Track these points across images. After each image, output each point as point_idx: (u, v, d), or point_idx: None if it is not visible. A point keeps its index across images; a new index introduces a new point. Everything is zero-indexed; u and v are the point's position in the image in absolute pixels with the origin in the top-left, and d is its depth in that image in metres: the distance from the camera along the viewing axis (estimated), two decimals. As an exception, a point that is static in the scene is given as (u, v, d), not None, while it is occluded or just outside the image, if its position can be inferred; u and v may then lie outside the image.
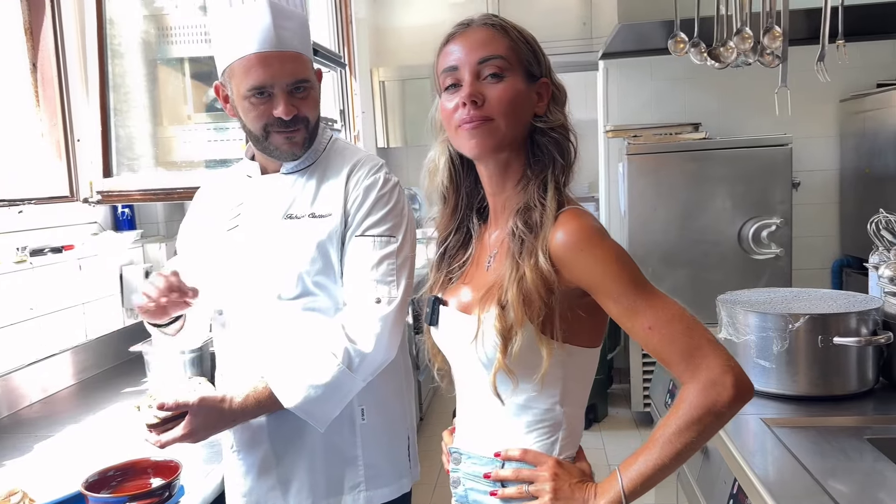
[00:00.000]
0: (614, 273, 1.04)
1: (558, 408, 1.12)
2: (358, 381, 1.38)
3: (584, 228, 1.06)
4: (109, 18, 2.39)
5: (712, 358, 1.01)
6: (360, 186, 1.45)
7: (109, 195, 2.41)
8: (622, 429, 4.13)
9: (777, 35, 2.66)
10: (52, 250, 2.15)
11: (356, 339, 1.37)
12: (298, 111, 1.40)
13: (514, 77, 1.09)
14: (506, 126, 1.09)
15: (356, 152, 1.53)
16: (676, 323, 1.03)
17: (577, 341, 1.11)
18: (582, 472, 1.12)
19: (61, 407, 2.02)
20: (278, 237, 1.44)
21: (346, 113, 4.39)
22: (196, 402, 1.30)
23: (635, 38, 3.93)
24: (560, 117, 1.13)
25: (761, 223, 3.79)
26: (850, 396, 1.64)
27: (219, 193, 1.58)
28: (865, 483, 1.27)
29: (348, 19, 4.48)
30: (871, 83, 4.05)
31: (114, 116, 2.41)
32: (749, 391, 1.02)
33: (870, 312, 1.63)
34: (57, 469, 1.54)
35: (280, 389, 1.35)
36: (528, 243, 1.07)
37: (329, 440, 1.44)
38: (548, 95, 1.13)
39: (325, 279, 1.43)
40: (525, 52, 1.11)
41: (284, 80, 1.37)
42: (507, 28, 1.11)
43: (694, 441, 1.02)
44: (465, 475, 1.19)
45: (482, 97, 1.08)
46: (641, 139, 4.02)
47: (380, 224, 1.44)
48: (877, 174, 3.83)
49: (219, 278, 1.49)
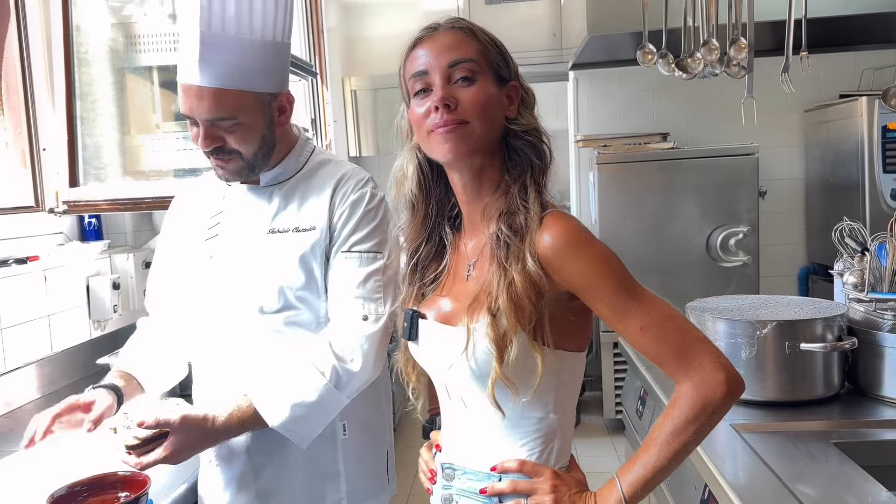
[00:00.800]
0: (604, 275, 1.04)
1: (552, 416, 1.11)
2: (343, 399, 1.37)
3: (572, 230, 1.05)
4: (76, 25, 2.36)
5: (704, 356, 1.02)
6: (346, 201, 1.42)
7: (76, 205, 2.37)
8: (595, 436, 4.15)
9: (743, 47, 2.71)
10: (17, 261, 2.11)
11: (344, 358, 1.35)
12: (225, 143, 1.36)
13: (484, 80, 1.08)
14: (480, 129, 1.07)
15: (341, 165, 1.51)
16: (668, 323, 1.03)
17: (567, 346, 1.10)
18: (579, 482, 1.12)
19: (26, 421, 1.96)
20: (262, 251, 1.42)
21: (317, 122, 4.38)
22: (178, 420, 1.26)
23: (605, 49, 3.98)
24: (532, 120, 1.13)
25: (729, 231, 3.84)
26: (816, 401, 1.67)
27: (196, 201, 1.55)
28: (832, 486, 1.29)
29: (320, 29, 4.47)
30: (833, 94, 4.14)
31: (80, 125, 2.37)
32: (741, 386, 1.03)
33: (835, 318, 1.66)
34: (22, 484, 1.50)
35: (265, 408, 1.32)
36: (514, 247, 1.06)
37: (311, 455, 1.42)
38: (518, 99, 1.13)
39: (307, 293, 1.41)
40: (494, 55, 1.11)
41: (200, 115, 1.34)
42: (476, 31, 1.11)
43: (691, 440, 1.03)
44: (458, 491, 1.15)
45: (455, 100, 1.06)
46: (611, 149, 4.06)
47: (366, 240, 1.42)
48: (840, 183, 3.91)
49: (198, 288, 1.47)
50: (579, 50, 3.98)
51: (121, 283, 2.51)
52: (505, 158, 1.12)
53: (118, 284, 2.49)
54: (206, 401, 1.42)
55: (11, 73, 2.27)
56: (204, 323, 1.46)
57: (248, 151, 1.39)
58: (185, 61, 1.32)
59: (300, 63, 3.47)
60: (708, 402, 1.01)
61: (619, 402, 4.13)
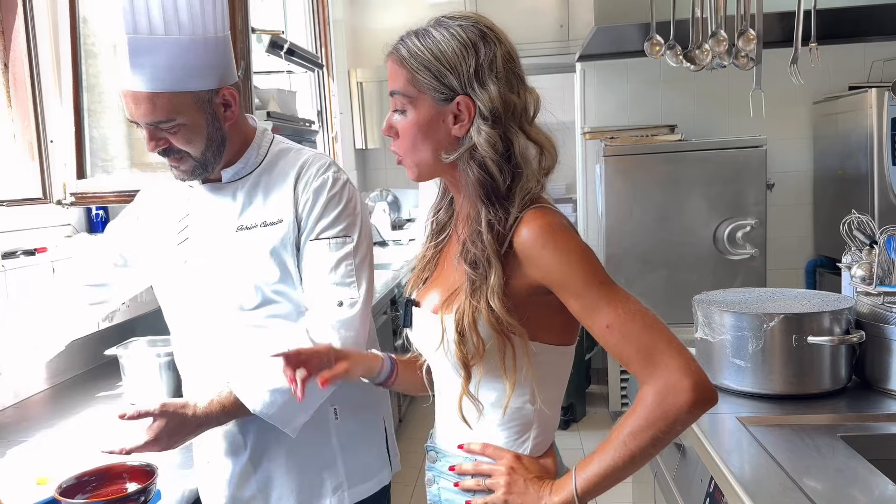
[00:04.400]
0: (575, 269, 1.02)
1: (528, 406, 1.12)
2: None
3: (547, 224, 1.04)
4: (83, 18, 2.36)
5: (670, 359, 0.99)
6: (309, 189, 1.41)
7: (83, 197, 2.37)
8: (600, 428, 4.15)
9: (751, 38, 2.69)
10: (25, 253, 2.12)
11: (321, 343, 1.34)
12: (170, 145, 1.36)
13: (416, 108, 1.08)
14: (413, 163, 1.12)
15: (301, 153, 1.48)
16: (636, 321, 1.01)
17: (545, 339, 1.10)
18: (543, 469, 1.12)
19: (35, 412, 1.99)
20: (232, 249, 1.41)
21: (323, 114, 4.38)
22: (157, 408, 1.27)
23: (612, 41, 3.96)
24: (481, 137, 1.05)
25: (736, 224, 3.83)
26: (823, 395, 1.66)
27: (162, 203, 1.54)
28: (839, 480, 1.29)
29: (326, 20, 4.47)
30: (843, 86, 4.11)
31: (87, 117, 2.37)
32: (709, 397, 0.99)
33: (843, 312, 1.65)
34: (31, 475, 1.51)
35: (244, 394, 1.33)
36: (478, 283, 1.06)
37: (306, 443, 1.43)
38: (471, 113, 1.06)
39: (284, 286, 1.41)
40: (425, 79, 1.07)
41: (141, 119, 1.33)
42: (405, 59, 1.08)
43: (648, 445, 1.00)
44: (438, 473, 1.20)
45: (394, 131, 1.12)
46: (618, 141, 4.05)
47: (333, 225, 1.41)
48: (849, 175, 3.89)
49: (176, 293, 1.47)
50: (586, 41, 3.96)
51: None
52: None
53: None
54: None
55: (19, 65, 2.27)
56: (187, 326, 1.47)
57: (196, 150, 1.37)
58: (121, 67, 1.32)
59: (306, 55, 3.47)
60: (668, 409, 0.98)
61: (624, 394, 4.14)
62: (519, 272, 1.06)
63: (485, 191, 1.06)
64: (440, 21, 1.09)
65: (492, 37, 1.08)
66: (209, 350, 1.44)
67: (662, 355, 0.99)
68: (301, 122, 3.44)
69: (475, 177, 1.06)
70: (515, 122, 1.08)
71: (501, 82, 1.06)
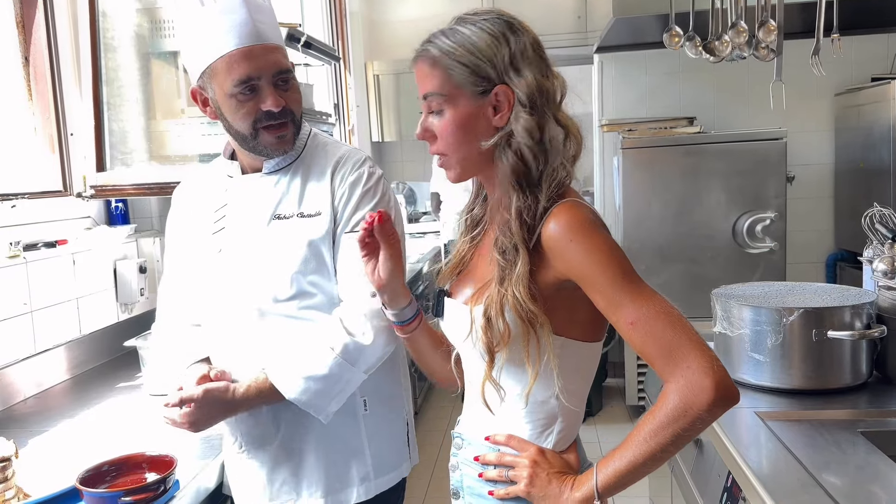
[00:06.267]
0: (602, 264, 1.03)
1: (553, 401, 1.13)
2: (359, 374, 1.39)
3: (576, 218, 1.06)
4: (102, 12, 2.38)
5: (693, 358, 0.99)
6: (345, 183, 1.45)
7: (103, 189, 2.40)
8: (617, 422, 4.14)
9: (772, 29, 2.66)
10: (46, 245, 2.14)
11: (355, 333, 1.37)
12: (286, 103, 1.40)
13: (454, 106, 1.10)
14: (457, 158, 1.13)
15: (338, 147, 1.53)
16: (660, 319, 1.01)
17: (570, 334, 1.11)
18: (565, 464, 1.14)
19: (55, 402, 2.01)
20: (268, 239, 1.43)
21: (340, 107, 4.39)
22: (200, 394, 1.32)
23: (630, 32, 3.93)
24: (520, 124, 1.08)
25: (756, 217, 3.79)
26: (843, 390, 1.65)
27: (199, 195, 1.56)
28: (858, 476, 1.28)
29: (342, 12, 4.47)
30: (865, 77, 4.06)
31: (107, 110, 2.39)
32: (732, 396, 0.99)
33: (864, 306, 1.64)
34: (51, 464, 1.53)
35: (279, 381, 1.36)
36: (507, 270, 1.08)
37: (335, 433, 1.45)
38: (510, 101, 1.09)
39: (319, 278, 1.43)
40: (462, 75, 1.08)
41: (269, 70, 1.37)
42: (439, 58, 1.09)
43: (669, 443, 1.01)
44: (463, 461, 1.21)
45: (430, 134, 1.13)
46: (636, 133, 4.02)
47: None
48: (871, 168, 3.84)
49: (210, 283, 1.49)
50: (604, 33, 3.93)
51: (147, 266, 2.54)
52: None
53: (145, 268, 2.52)
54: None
55: (39, 59, 2.29)
56: (221, 316, 1.48)
57: (298, 112, 1.45)
58: (233, 27, 1.35)
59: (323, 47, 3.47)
60: (689, 408, 0.98)
61: (641, 388, 4.11)
62: (546, 265, 1.07)
63: (517, 178, 1.08)
64: (464, 18, 1.11)
65: (518, 26, 1.11)
66: (243, 341, 1.45)
67: (685, 354, 0.99)
68: (318, 115, 3.45)
69: (510, 164, 1.09)
70: (548, 108, 1.10)
71: (535, 68, 1.09)
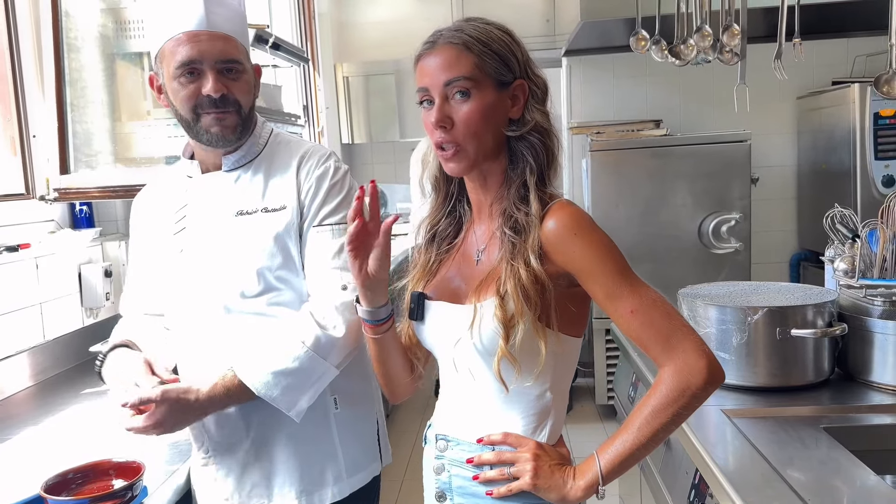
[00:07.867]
0: (603, 258, 1.10)
1: (548, 395, 1.17)
2: (331, 368, 1.37)
3: (577, 215, 1.13)
4: (65, 11, 2.34)
5: (688, 343, 1.08)
6: (311, 177, 1.44)
7: (67, 192, 2.35)
8: (587, 422, 4.17)
9: (736, 33, 2.70)
10: (8, 249, 2.10)
11: (326, 325, 1.36)
12: (228, 91, 1.37)
13: (481, 93, 1.13)
14: (474, 149, 1.14)
15: (301, 144, 1.52)
16: (657, 308, 1.09)
17: (567, 331, 1.16)
18: (561, 456, 1.17)
19: (19, 409, 1.97)
20: (231, 235, 1.42)
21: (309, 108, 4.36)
22: (158, 395, 1.28)
23: (598, 36, 3.97)
24: (536, 116, 1.16)
25: (721, 218, 3.85)
26: (806, 387, 1.68)
27: (159, 197, 1.54)
28: (821, 471, 1.30)
29: (311, 14, 4.44)
30: (826, 81, 4.14)
31: (70, 112, 2.35)
32: (720, 376, 1.08)
33: (825, 305, 1.67)
34: (15, 473, 1.50)
35: (248, 376, 1.33)
36: (518, 245, 1.12)
37: (306, 432, 1.43)
38: (525, 95, 1.17)
39: (286, 273, 1.42)
40: (492, 64, 1.13)
41: (213, 57, 1.35)
42: (472, 44, 1.12)
43: (670, 421, 1.08)
44: (450, 461, 1.22)
45: (450, 121, 1.13)
46: (604, 136, 4.06)
47: (336, 212, 1.43)
48: (832, 170, 3.92)
49: (173, 283, 1.47)
50: (572, 36, 3.97)
51: (112, 270, 2.50)
52: (508, 158, 1.18)
53: (110, 272, 2.48)
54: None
55: (0, 59, 2.25)
56: (186, 315, 1.46)
57: (246, 104, 1.42)
58: (183, 11, 1.35)
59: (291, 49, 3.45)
60: (688, 387, 1.06)
61: (610, 388, 4.15)
62: (544, 260, 1.11)
63: (537, 164, 1.16)
64: (472, 19, 1.17)
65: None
66: (210, 340, 1.43)
67: (680, 339, 1.08)
68: (287, 117, 3.42)
69: (531, 153, 1.15)
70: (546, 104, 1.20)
71: (538, 67, 1.19)
